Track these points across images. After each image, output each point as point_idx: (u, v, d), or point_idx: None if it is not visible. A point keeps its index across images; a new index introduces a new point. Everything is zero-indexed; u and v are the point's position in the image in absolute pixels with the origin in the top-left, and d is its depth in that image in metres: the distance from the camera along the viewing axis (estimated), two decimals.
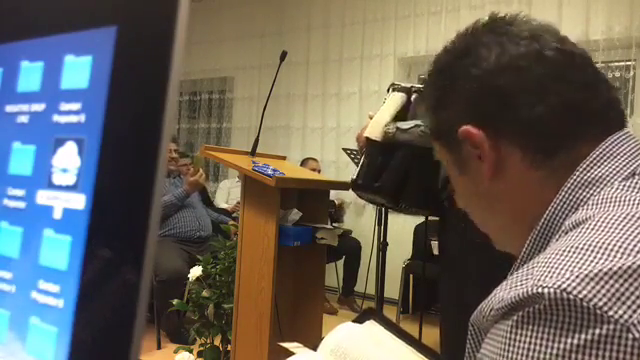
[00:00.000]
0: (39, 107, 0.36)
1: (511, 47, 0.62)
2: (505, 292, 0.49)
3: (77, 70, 0.34)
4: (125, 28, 0.32)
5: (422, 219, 3.52)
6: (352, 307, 4.44)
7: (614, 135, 0.60)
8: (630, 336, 0.41)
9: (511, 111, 0.61)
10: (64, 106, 0.34)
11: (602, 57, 4.02)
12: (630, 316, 0.42)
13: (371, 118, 2.02)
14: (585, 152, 0.59)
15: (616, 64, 4.06)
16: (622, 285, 0.43)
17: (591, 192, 0.57)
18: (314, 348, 1.03)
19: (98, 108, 0.32)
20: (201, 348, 2.43)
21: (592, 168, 0.58)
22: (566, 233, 0.55)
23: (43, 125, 0.35)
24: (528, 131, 0.60)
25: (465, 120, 0.63)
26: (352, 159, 3.62)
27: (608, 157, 0.58)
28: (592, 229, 0.50)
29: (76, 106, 0.33)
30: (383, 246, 2.88)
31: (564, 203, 0.58)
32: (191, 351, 2.41)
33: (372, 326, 1.03)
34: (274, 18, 5.67)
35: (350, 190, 2.13)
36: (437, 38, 4.63)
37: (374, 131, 1.93)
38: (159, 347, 3.20)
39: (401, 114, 1.95)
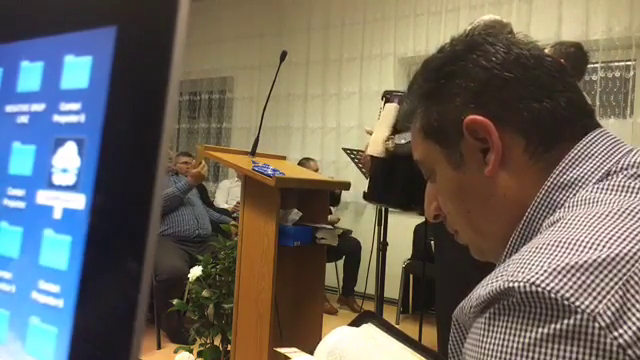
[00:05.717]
0: (39, 107, 0.35)
1: (516, 48, 0.66)
2: (482, 289, 0.51)
3: (77, 70, 0.34)
4: (125, 28, 0.32)
5: (422, 219, 3.52)
6: (352, 307, 4.44)
7: (590, 134, 0.62)
8: (596, 325, 0.43)
9: (518, 101, 0.63)
10: (64, 106, 0.34)
11: (602, 57, 4.02)
12: (596, 306, 0.44)
13: (370, 134, 2.10)
14: (566, 150, 0.61)
15: (616, 64, 4.06)
16: (588, 277, 0.45)
17: (567, 195, 0.59)
18: (311, 352, 1.03)
19: (98, 108, 0.32)
20: (201, 348, 2.43)
21: (568, 170, 0.60)
22: (541, 234, 0.57)
23: (43, 125, 0.35)
24: (533, 122, 0.62)
25: (468, 112, 0.64)
26: (352, 159, 3.62)
27: (584, 158, 0.60)
28: (562, 227, 0.53)
29: (76, 106, 0.33)
30: (383, 246, 2.88)
31: (542, 205, 0.60)
32: (191, 351, 2.41)
33: (369, 328, 1.02)
34: (274, 18, 5.67)
35: (350, 190, 2.17)
36: (437, 38, 4.64)
37: (376, 148, 2.06)
38: (159, 347, 3.20)
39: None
